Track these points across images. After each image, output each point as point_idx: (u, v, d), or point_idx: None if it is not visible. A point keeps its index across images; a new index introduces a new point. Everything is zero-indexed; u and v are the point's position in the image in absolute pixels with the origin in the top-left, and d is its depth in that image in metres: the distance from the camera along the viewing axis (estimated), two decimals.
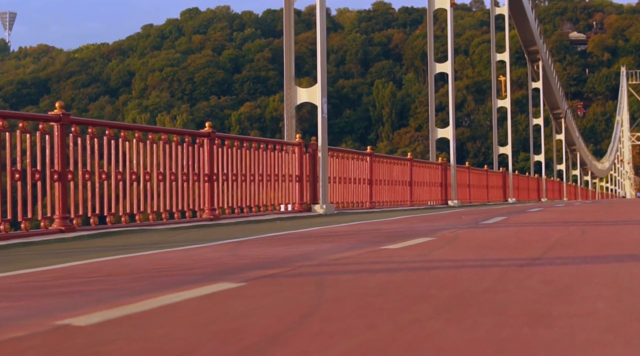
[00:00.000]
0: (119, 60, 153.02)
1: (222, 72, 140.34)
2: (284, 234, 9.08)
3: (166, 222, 12.39)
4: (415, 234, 8.18)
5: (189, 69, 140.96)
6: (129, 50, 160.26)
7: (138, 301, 3.63)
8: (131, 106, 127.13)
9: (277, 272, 4.83)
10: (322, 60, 17.14)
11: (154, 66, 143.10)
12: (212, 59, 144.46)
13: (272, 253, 6.40)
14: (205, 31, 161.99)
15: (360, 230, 9.48)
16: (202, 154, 13.46)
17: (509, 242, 7.08)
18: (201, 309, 3.46)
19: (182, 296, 3.82)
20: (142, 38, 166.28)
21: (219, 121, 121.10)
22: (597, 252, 6.15)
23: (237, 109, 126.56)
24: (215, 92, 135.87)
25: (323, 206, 16.78)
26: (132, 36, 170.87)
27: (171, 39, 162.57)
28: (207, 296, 3.83)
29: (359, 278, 4.52)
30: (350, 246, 7.00)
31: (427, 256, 5.86)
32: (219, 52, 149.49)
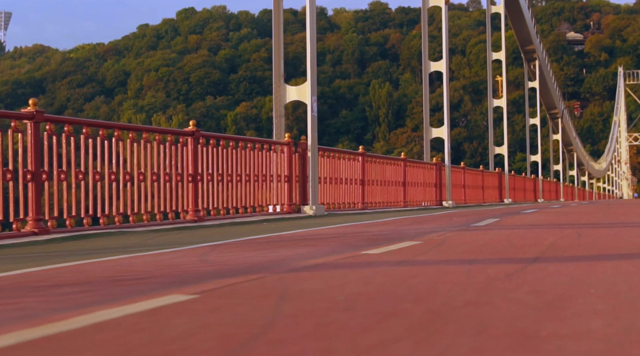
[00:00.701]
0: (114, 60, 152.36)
1: (218, 72, 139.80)
2: (265, 237, 8.64)
3: (147, 224, 11.96)
4: (401, 238, 7.75)
5: (185, 69, 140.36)
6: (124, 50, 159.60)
7: (71, 317, 3.19)
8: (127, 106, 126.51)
9: (240, 281, 4.38)
10: (312, 57, 16.70)
11: (150, 65, 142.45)
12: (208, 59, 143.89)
13: (244, 259, 5.96)
14: (201, 31, 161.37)
15: (346, 233, 9.04)
16: (185, 153, 13.03)
17: (499, 247, 6.64)
18: (138, 328, 3.02)
19: (124, 310, 3.38)
20: (138, 38, 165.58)
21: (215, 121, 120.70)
22: (593, 258, 5.71)
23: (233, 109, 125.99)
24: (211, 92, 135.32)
25: (313, 207, 16.35)
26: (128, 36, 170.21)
27: (167, 39, 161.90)
28: (151, 312, 3.39)
29: (327, 288, 4.08)
30: (330, 250, 6.56)
31: (408, 262, 5.42)
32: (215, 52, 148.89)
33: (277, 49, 16.97)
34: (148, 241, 9.15)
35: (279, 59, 16.95)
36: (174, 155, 12.74)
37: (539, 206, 21.95)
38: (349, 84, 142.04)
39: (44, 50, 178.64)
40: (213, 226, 12.52)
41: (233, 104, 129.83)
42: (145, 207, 11.95)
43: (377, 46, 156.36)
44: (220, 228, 11.99)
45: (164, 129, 13.36)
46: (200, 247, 7.41)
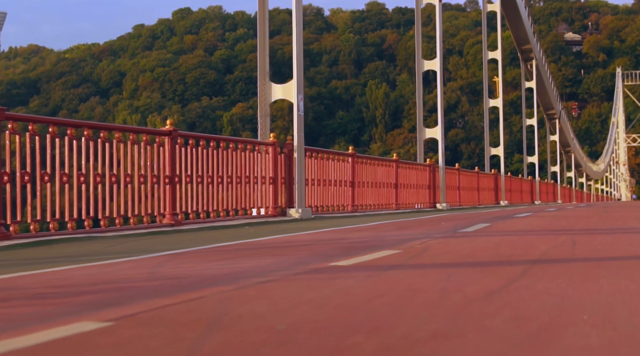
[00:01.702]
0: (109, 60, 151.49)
1: (214, 72, 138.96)
2: (236, 245, 8.02)
3: (120, 228, 11.34)
4: (380, 246, 7.12)
5: (181, 69, 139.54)
6: (120, 51, 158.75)
7: None
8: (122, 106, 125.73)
9: (174, 303, 3.75)
10: (298, 55, 16.08)
11: (145, 66, 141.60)
12: (204, 60, 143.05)
13: (197, 272, 5.32)
14: (197, 31, 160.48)
15: (322, 240, 8.41)
16: (162, 154, 12.41)
17: (485, 257, 6.00)
18: None
19: (12, 344, 2.75)
20: (134, 38, 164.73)
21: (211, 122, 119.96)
22: (588, 272, 5.08)
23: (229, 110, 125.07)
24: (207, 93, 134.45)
25: (299, 210, 15.72)
26: (123, 36, 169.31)
27: (163, 39, 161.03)
28: (44, 346, 2.76)
29: (272, 312, 3.44)
30: (297, 261, 5.93)
31: (378, 276, 4.78)
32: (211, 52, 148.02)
33: (262, 46, 16.36)
34: (113, 247, 8.53)
35: (264, 56, 16.33)
36: (149, 156, 12.13)
37: (534, 209, 21.32)
38: (346, 85, 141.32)
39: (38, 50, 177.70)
40: (190, 231, 11.93)
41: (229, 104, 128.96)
42: (118, 210, 11.33)
43: (374, 47, 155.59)
44: (197, 233, 11.39)
45: (138, 129, 12.73)
46: (159, 256, 6.78)
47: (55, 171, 10.30)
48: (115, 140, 11.34)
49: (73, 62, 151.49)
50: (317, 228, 11.39)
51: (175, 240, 9.55)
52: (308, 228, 11.49)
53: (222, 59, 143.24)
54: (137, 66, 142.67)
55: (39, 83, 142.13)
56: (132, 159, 11.70)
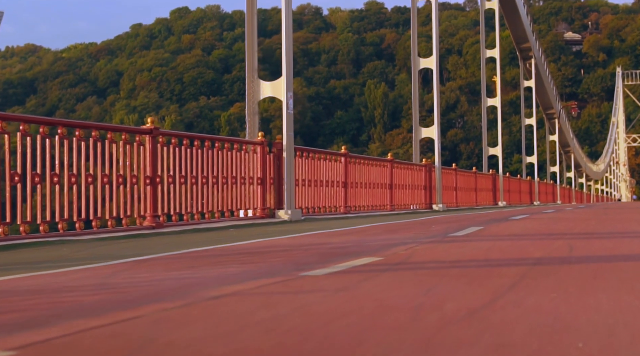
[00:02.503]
0: (107, 60, 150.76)
1: (211, 72, 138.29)
2: (209, 250, 7.50)
3: (96, 231, 10.82)
4: (361, 252, 6.59)
5: (178, 69, 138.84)
6: (117, 50, 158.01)
7: None
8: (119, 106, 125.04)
9: (100, 325, 3.21)
10: (287, 51, 15.56)
11: (143, 65, 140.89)
12: (202, 59, 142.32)
13: (148, 284, 4.80)
14: (195, 31, 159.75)
15: (303, 245, 7.88)
16: (143, 153, 11.89)
17: (472, 265, 5.47)
18: None
19: None
20: (131, 37, 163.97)
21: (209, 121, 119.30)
22: (585, 284, 4.55)
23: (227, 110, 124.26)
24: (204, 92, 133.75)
25: (288, 212, 15.20)
26: (121, 36, 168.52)
27: (160, 39, 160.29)
28: None
29: (210, 338, 2.91)
30: (265, 271, 5.40)
31: (349, 290, 4.26)
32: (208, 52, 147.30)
33: (250, 42, 15.85)
34: (80, 253, 8.01)
35: (252, 53, 15.82)
36: (128, 155, 11.61)
37: (532, 211, 20.79)
38: (344, 85, 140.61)
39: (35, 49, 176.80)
40: (171, 234, 11.42)
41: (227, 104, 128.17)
42: (95, 212, 10.81)
43: (372, 46, 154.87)
44: (177, 236, 10.88)
45: (117, 127, 12.21)
46: (120, 264, 6.25)
47: (27, 172, 9.76)
48: (92, 139, 10.83)
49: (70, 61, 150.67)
50: (303, 231, 10.88)
51: (150, 244, 9.04)
52: (294, 231, 10.98)
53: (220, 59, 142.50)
54: (135, 65, 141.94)
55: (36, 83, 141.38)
56: (110, 159, 11.18)
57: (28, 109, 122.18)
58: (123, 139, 11.47)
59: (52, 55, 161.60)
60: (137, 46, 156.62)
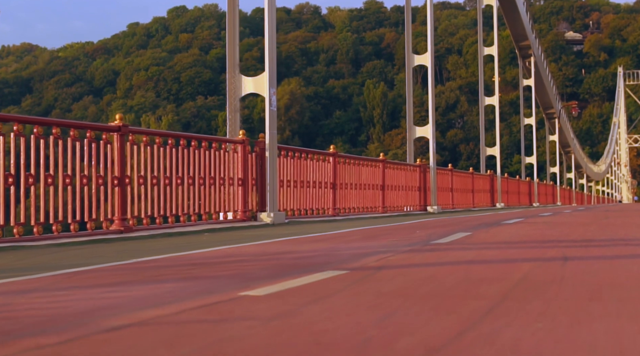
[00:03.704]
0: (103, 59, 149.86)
1: (209, 71, 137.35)
2: (157, 260, 6.70)
3: (56, 236, 10.04)
4: (327, 264, 5.80)
5: (176, 68, 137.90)
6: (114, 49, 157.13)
7: None
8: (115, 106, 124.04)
9: None
10: (270, 45, 14.79)
11: (140, 65, 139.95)
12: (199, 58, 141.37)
13: (58, 305, 4.01)
14: (192, 30, 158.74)
15: (266, 254, 7.08)
16: (110, 152, 11.10)
17: (447, 283, 4.67)
18: None
19: None
20: (128, 36, 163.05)
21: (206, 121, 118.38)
22: (578, 308, 3.74)
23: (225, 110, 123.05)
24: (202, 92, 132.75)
25: (271, 214, 14.41)
26: (118, 35, 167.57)
27: (157, 38, 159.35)
28: None
29: None
30: (205, 287, 4.60)
31: (287, 318, 3.45)
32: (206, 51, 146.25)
33: (231, 36, 15.08)
34: (20, 262, 7.23)
35: (233, 47, 15.05)
36: (94, 154, 10.82)
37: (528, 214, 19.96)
38: (343, 84, 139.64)
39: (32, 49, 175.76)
40: (140, 238, 10.65)
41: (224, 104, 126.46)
42: (55, 216, 10.02)
43: (371, 45, 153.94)
44: (144, 241, 10.11)
45: (81, 124, 11.40)
46: (47, 277, 5.45)
47: None
48: (53, 136, 10.04)
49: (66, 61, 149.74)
50: (281, 236, 10.10)
51: (104, 251, 8.25)
52: (271, 236, 10.19)
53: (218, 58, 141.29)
54: (132, 64, 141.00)
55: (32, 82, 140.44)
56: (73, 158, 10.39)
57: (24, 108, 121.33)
58: (88, 137, 10.69)
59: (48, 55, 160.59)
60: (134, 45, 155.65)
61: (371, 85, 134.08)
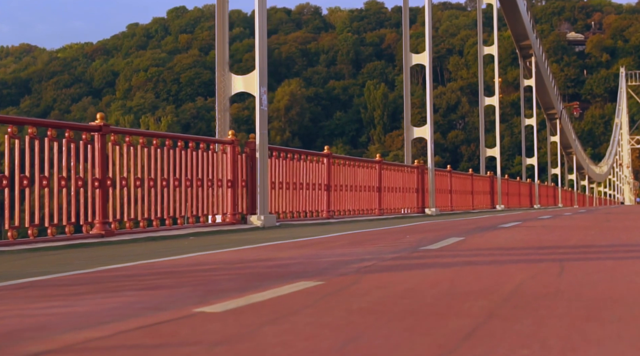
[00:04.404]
0: (102, 60, 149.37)
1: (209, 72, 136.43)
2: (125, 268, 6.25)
3: (32, 240, 9.62)
4: (303, 273, 5.35)
5: (175, 69, 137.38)
6: (113, 50, 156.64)
7: None
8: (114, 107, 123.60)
9: None
10: (260, 42, 14.32)
11: (139, 65, 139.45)
12: (199, 59, 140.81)
13: None
14: (192, 30, 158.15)
15: (243, 261, 6.63)
16: (90, 153, 10.67)
17: (427, 297, 4.21)
18: None
19: None
20: (127, 37, 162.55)
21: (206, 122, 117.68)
22: (572, 330, 3.28)
23: None
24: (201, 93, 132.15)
25: (261, 217, 13.97)
26: (117, 35, 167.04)
27: (157, 39, 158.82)
28: None
29: None
30: (161, 301, 4.14)
31: (235, 343, 3.00)
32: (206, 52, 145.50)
33: (220, 33, 14.61)
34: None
35: (222, 44, 14.58)
36: (73, 155, 10.38)
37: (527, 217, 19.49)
38: (344, 85, 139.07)
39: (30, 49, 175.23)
40: (121, 243, 10.23)
41: None
42: (32, 219, 9.60)
43: (372, 46, 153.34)
44: (125, 246, 9.69)
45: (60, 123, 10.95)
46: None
47: None
48: (29, 136, 9.60)
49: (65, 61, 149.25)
50: (267, 240, 9.66)
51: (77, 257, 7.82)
52: (256, 240, 9.76)
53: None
54: (131, 65, 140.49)
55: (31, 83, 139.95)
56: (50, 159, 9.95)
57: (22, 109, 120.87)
58: (67, 137, 10.26)
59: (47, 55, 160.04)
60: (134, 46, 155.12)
61: (372, 86, 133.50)
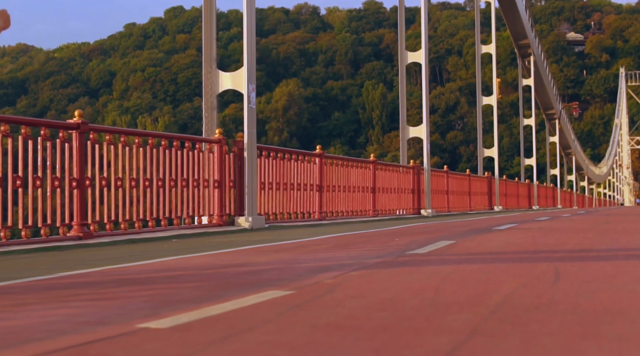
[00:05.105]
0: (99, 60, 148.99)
1: None
2: (87, 274, 5.83)
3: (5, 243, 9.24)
4: (275, 280, 4.92)
5: (172, 69, 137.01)
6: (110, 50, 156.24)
7: None
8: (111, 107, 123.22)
9: None
10: (249, 38, 13.91)
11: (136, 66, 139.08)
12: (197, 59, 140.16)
13: None
14: (189, 30, 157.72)
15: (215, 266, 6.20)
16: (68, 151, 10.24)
17: (407, 308, 3.77)
18: None
19: None
20: (125, 37, 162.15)
21: None
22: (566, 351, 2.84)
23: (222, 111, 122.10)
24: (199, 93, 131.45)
25: (249, 218, 13.54)
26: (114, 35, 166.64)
27: (154, 39, 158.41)
28: None
29: None
30: (108, 314, 3.70)
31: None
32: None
33: (207, 28, 14.20)
34: None
35: (210, 40, 14.17)
36: (49, 153, 9.96)
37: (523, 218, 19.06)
38: (342, 86, 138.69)
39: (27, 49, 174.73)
40: (99, 245, 9.81)
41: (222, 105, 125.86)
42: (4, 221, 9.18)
43: (371, 46, 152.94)
44: (101, 249, 9.27)
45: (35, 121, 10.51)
46: None
47: None
48: (1, 134, 9.17)
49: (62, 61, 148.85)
50: (252, 243, 9.25)
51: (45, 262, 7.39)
52: (241, 243, 9.33)
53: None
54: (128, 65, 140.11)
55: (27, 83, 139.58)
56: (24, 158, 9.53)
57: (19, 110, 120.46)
58: (42, 135, 9.84)
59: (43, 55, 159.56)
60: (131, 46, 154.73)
61: (370, 86, 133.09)
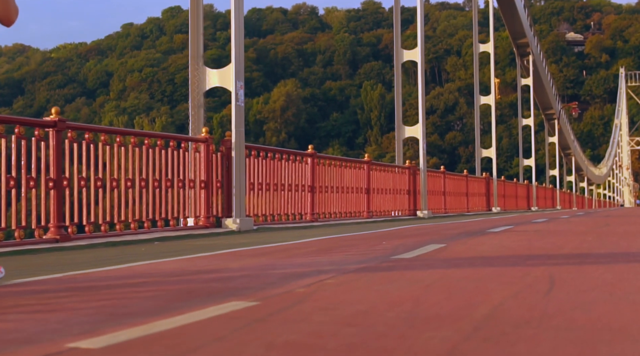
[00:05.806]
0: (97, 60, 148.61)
1: None
2: (38, 282, 5.40)
3: None
4: (244, 289, 4.50)
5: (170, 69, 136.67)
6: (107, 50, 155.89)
7: None
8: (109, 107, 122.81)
9: None
10: (237, 33, 13.51)
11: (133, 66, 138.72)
12: None
13: None
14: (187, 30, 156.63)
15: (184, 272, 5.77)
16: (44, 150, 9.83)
17: (380, 323, 3.33)
18: None
19: None
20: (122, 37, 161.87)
21: None
22: None
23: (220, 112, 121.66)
24: None
25: (237, 220, 13.12)
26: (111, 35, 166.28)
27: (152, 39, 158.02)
28: None
29: None
30: (44, 330, 3.27)
31: None
32: None
33: (194, 25, 13.83)
34: None
35: (196, 36, 13.78)
36: (23, 152, 9.54)
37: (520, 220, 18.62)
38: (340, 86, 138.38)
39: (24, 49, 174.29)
40: (76, 248, 9.41)
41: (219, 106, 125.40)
42: None
43: (369, 47, 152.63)
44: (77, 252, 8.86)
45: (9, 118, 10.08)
46: None
47: None
48: None
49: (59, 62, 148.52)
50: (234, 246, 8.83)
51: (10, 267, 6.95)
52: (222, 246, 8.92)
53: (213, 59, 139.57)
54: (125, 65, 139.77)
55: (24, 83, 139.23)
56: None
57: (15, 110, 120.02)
58: (17, 133, 9.41)
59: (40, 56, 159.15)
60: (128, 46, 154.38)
61: (369, 86, 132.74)
